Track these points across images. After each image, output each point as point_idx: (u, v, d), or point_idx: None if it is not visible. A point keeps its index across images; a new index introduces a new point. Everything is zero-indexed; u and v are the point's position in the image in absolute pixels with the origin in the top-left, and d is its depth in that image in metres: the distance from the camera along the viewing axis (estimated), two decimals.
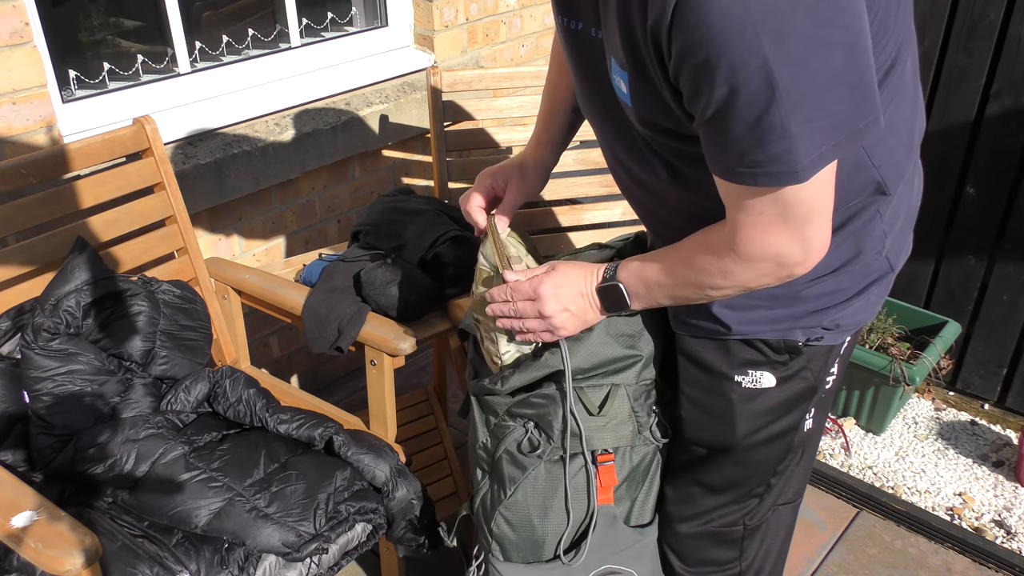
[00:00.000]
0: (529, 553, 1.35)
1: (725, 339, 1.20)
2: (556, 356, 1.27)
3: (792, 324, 1.17)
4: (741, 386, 1.22)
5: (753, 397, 1.22)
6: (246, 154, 2.07)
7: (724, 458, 1.29)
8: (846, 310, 1.18)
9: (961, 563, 2.05)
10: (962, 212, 2.42)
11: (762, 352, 1.19)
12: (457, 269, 1.89)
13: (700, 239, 1.07)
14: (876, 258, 1.16)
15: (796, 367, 1.20)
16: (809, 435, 1.33)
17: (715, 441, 1.29)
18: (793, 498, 1.44)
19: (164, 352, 1.71)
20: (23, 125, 1.74)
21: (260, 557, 1.43)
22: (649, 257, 1.14)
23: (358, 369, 2.61)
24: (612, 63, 1.01)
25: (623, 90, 1.02)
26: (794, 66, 0.83)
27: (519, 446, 1.30)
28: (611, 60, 1.02)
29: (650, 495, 1.37)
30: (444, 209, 1.98)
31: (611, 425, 1.29)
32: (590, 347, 1.26)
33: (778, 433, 1.26)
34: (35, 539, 1.20)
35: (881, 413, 2.43)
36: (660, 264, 1.12)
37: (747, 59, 0.82)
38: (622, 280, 1.16)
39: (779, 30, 0.81)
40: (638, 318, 1.28)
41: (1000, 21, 2.19)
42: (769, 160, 0.89)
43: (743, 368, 1.21)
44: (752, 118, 0.86)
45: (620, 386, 1.29)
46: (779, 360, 1.19)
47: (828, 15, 0.83)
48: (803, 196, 0.93)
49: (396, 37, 2.50)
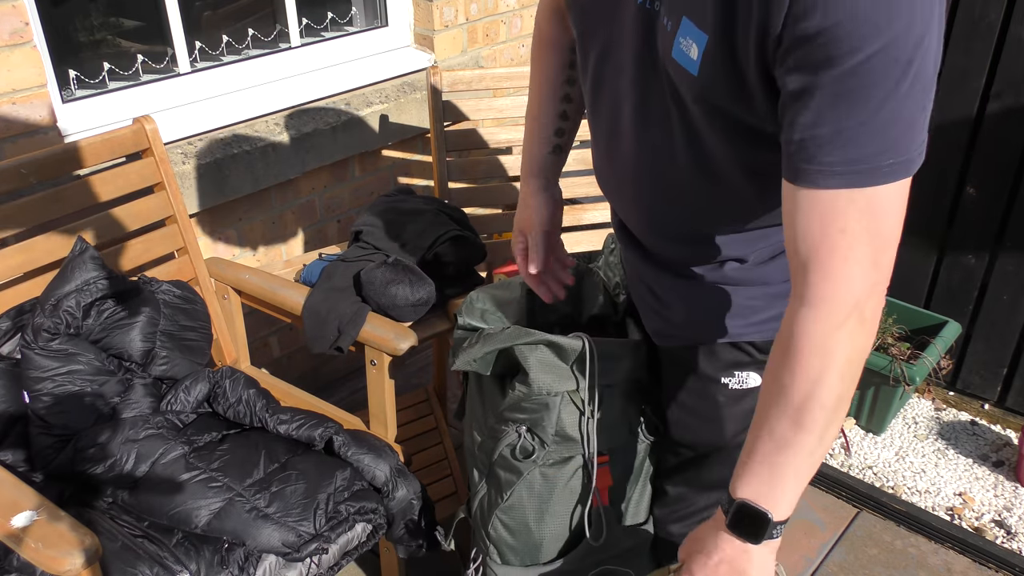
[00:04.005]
0: (526, 556, 1.35)
1: (712, 344, 1.19)
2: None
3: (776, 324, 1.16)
4: (728, 388, 1.21)
5: (740, 398, 1.22)
6: (246, 154, 2.07)
7: (713, 459, 1.29)
8: None
9: (961, 563, 2.05)
10: (962, 212, 2.42)
11: (748, 353, 1.18)
12: (457, 269, 1.89)
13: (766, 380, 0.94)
14: None
15: None
16: None
17: (703, 443, 1.28)
18: None
19: (164, 352, 1.71)
20: (23, 125, 1.74)
21: (260, 557, 1.43)
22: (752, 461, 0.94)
23: (358, 369, 2.61)
24: (684, 24, 0.91)
25: (690, 56, 0.91)
26: (923, 41, 0.79)
27: (513, 451, 1.30)
28: (681, 21, 0.92)
29: (644, 495, 1.37)
30: (444, 209, 1.98)
31: (607, 426, 1.29)
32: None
33: None
34: (35, 539, 1.20)
35: (881, 413, 2.43)
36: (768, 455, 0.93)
37: (893, 20, 0.77)
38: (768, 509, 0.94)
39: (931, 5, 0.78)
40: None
41: (1000, 21, 2.19)
42: (881, 151, 0.81)
43: (729, 370, 1.20)
44: (880, 96, 0.79)
45: (613, 386, 1.29)
46: (764, 359, 1.19)
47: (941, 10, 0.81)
48: (897, 207, 0.85)
49: (396, 37, 2.50)
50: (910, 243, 2.53)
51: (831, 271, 0.86)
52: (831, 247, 0.85)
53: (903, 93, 0.80)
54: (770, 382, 0.93)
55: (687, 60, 0.92)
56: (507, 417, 1.30)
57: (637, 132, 1.08)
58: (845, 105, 0.81)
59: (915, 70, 0.80)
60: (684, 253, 1.17)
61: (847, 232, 0.85)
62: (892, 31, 0.77)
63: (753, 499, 0.94)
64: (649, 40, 0.99)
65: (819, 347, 0.88)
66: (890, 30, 0.77)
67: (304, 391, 1.91)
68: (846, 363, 0.89)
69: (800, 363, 0.89)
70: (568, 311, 1.44)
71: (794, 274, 0.90)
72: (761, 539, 0.94)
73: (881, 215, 0.85)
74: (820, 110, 0.82)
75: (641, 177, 1.13)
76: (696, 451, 1.29)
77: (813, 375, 0.89)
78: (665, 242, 1.18)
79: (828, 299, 0.87)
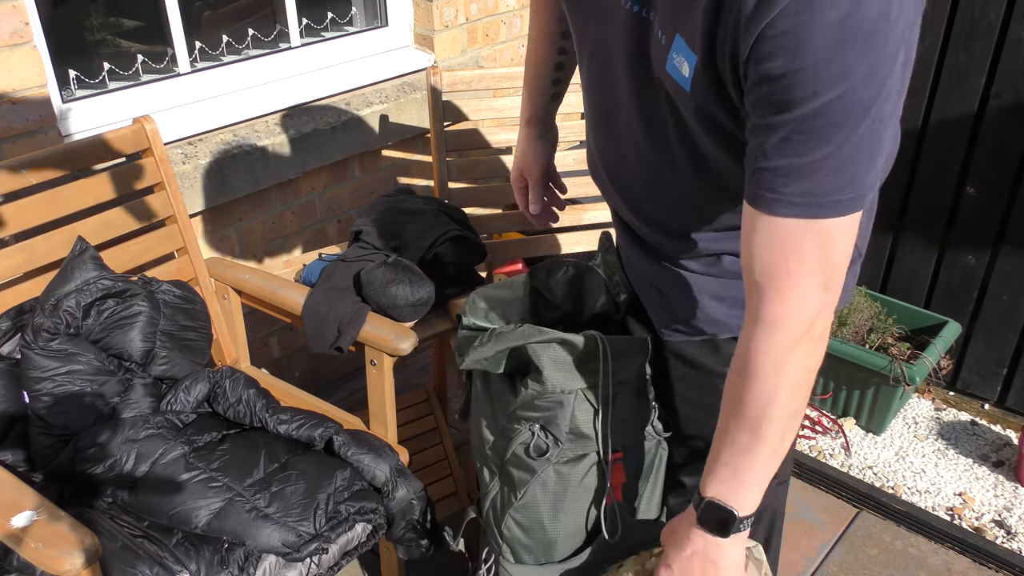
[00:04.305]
0: (541, 554, 1.35)
1: (713, 337, 1.20)
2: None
3: None
4: None
5: None
6: (246, 154, 2.07)
7: None
8: None
9: (961, 563, 2.05)
10: (962, 212, 2.42)
11: None
12: (457, 269, 1.89)
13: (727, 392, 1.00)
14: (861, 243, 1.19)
15: None
16: None
17: (711, 435, 1.29)
18: (785, 477, 1.46)
19: (164, 352, 1.71)
20: (23, 125, 1.74)
21: (260, 557, 1.43)
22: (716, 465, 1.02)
23: (358, 369, 2.61)
24: (677, 41, 0.93)
25: (683, 73, 0.94)
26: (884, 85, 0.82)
27: (527, 450, 1.30)
28: (675, 38, 0.94)
29: (656, 490, 1.37)
30: (444, 209, 1.98)
31: (620, 423, 1.29)
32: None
33: None
34: (35, 539, 1.20)
35: (881, 413, 2.43)
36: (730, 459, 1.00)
37: (854, 68, 0.79)
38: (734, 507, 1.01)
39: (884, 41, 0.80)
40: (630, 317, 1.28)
41: (1000, 21, 2.19)
42: (839, 187, 0.85)
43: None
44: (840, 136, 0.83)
45: (624, 383, 1.29)
46: None
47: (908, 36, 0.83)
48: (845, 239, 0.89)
49: (396, 37, 2.50)
50: (910, 243, 2.54)
51: (785, 295, 0.91)
52: (786, 272, 0.90)
53: (861, 135, 0.83)
54: (730, 395, 0.99)
55: (680, 76, 0.94)
56: (520, 416, 1.30)
57: (634, 135, 1.10)
58: (806, 143, 0.84)
59: (874, 112, 0.82)
60: (683, 248, 1.17)
61: (803, 260, 0.89)
62: (853, 78, 0.80)
63: (720, 498, 1.01)
64: (642, 49, 1.01)
65: (773, 368, 0.94)
66: (852, 77, 0.80)
67: (304, 391, 1.91)
68: (799, 380, 0.95)
69: (756, 382, 0.95)
70: (569, 310, 1.44)
71: (748, 294, 0.94)
72: (728, 534, 1.01)
73: (833, 244, 0.89)
74: (781, 145, 0.85)
75: (639, 177, 1.15)
76: (704, 442, 1.30)
77: (767, 393, 0.95)
78: (664, 237, 1.19)
79: (782, 320, 0.92)
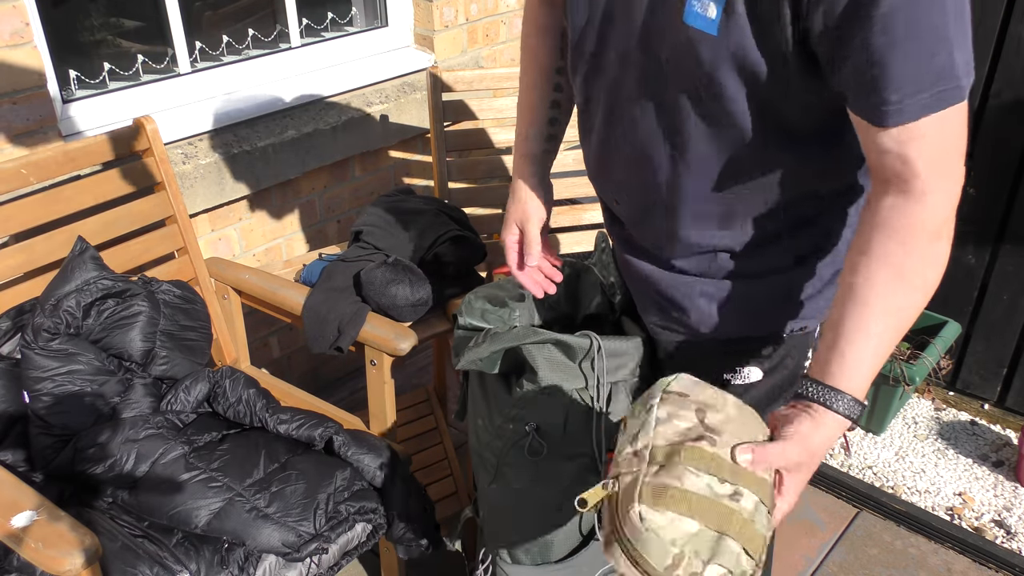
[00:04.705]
0: (537, 555, 1.35)
1: (702, 337, 1.20)
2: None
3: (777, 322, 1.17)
4: (731, 383, 1.22)
5: (741, 393, 1.21)
6: (246, 154, 2.07)
7: None
8: (824, 297, 1.18)
9: (961, 563, 2.05)
10: (962, 212, 2.41)
11: (747, 347, 1.19)
12: (457, 269, 1.89)
13: (877, 256, 0.94)
14: (843, 243, 1.16)
15: (779, 357, 1.21)
16: None
17: None
18: None
19: (164, 352, 1.71)
20: (23, 125, 1.74)
21: (260, 557, 1.43)
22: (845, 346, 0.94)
23: (358, 369, 2.61)
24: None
25: (708, 16, 0.92)
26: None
27: (524, 449, 1.30)
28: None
29: None
30: (444, 209, 1.98)
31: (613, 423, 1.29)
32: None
33: None
34: (35, 539, 1.20)
35: (881, 413, 2.43)
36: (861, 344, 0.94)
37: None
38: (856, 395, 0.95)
39: None
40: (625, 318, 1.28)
41: (1000, 21, 2.19)
42: (941, 76, 0.85)
43: (732, 366, 1.21)
44: (934, 20, 0.83)
45: (619, 383, 1.29)
46: (764, 353, 1.20)
47: None
48: (963, 126, 0.89)
49: (396, 37, 2.50)
50: None
51: (939, 186, 0.91)
52: (932, 162, 0.89)
53: (953, 12, 0.84)
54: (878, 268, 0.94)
55: (704, 21, 0.92)
56: (515, 416, 1.30)
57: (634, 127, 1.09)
58: (903, 29, 0.83)
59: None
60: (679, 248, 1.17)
61: (945, 142, 0.89)
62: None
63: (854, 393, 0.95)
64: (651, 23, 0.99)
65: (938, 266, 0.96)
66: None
67: (304, 391, 1.91)
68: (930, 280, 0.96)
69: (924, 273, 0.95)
70: (565, 310, 1.44)
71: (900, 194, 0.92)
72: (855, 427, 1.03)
73: (957, 133, 0.89)
74: (879, 45, 0.85)
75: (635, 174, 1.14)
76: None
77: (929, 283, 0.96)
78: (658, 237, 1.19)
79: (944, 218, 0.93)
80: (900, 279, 0.93)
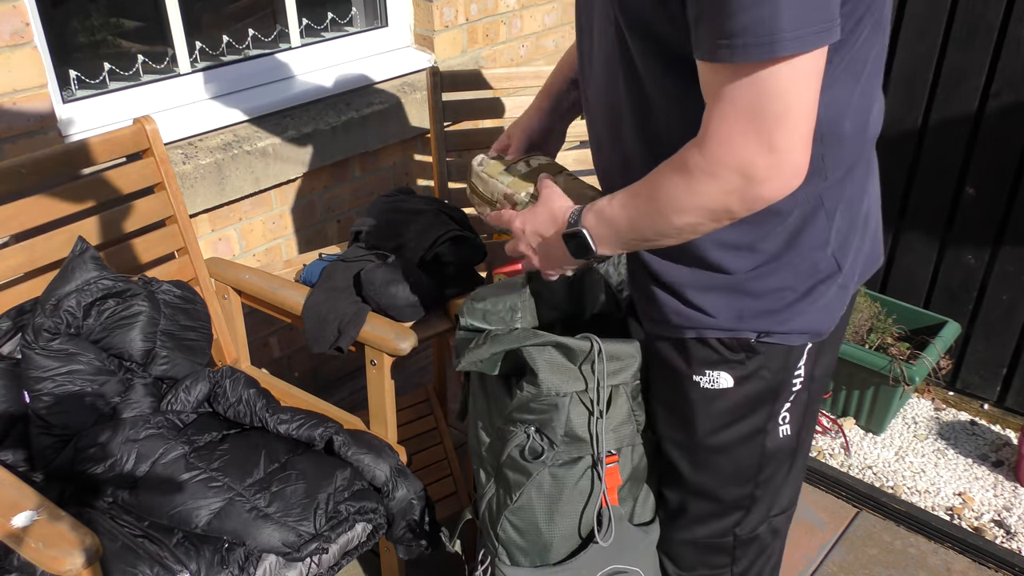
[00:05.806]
0: (536, 557, 1.35)
1: (683, 338, 1.20)
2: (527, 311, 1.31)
3: (739, 322, 1.16)
4: (700, 386, 1.22)
5: (712, 398, 1.22)
6: (246, 154, 2.07)
7: (691, 460, 1.30)
8: (797, 312, 1.15)
9: (961, 563, 2.06)
10: (962, 212, 2.42)
11: (717, 351, 1.19)
12: (457, 269, 1.89)
13: (670, 160, 1.01)
14: (821, 254, 1.13)
15: (753, 367, 1.19)
16: (789, 444, 1.30)
17: (679, 438, 1.30)
18: (787, 507, 1.44)
19: (164, 352, 1.71)
20: (23, 125, 1.74)
21: (260, 557, 1.43)
22: (618, 194, 1.08)
23: (358, 369, 2.61)
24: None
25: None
26: None
27: (522, 452, 1.30)
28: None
29: (650, 493, 1.38)
30: (444, 209, 1.98)
31: (615, 426, 1.29)
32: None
33: (743, 436, 1.25)
34: (36, 539, 1.20)
35: (881, 413, 2.43)
36: (625, 197, 1.06)
37: None
38: (586, 226, 1.11)
39: None
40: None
41: (1000, 21, 2.19)
42: (749, 27, 0.85)
43: (701, 368, 1.21)
44: None
45: (619, 386, 1.29)
46: (735, 359, 1.18)
47: None
48: (779, 87, 0.88)
49: (396, 37, 2.50)
50: (910, 243, 2.54)
51: (721, 138, 0.92)
52: (723, 115, 0.91)
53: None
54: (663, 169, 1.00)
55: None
56: (515, 418, 1.30)
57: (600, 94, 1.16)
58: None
59: None
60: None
61: (736, 103, 0.90)
62: None
63: (596, 234, 1.11)
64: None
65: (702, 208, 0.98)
66: None
67: (304, 391, 1.91)
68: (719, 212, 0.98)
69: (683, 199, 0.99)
70: (571, 309, 1.44)
71: (701, 127, 0.95)
72: (579, 261, 1.16)
73: (768, 94, 0.88)
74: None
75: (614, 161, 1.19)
76: (677, 448, 1.31)
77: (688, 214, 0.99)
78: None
79: (719, 164, 0.93)
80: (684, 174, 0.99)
